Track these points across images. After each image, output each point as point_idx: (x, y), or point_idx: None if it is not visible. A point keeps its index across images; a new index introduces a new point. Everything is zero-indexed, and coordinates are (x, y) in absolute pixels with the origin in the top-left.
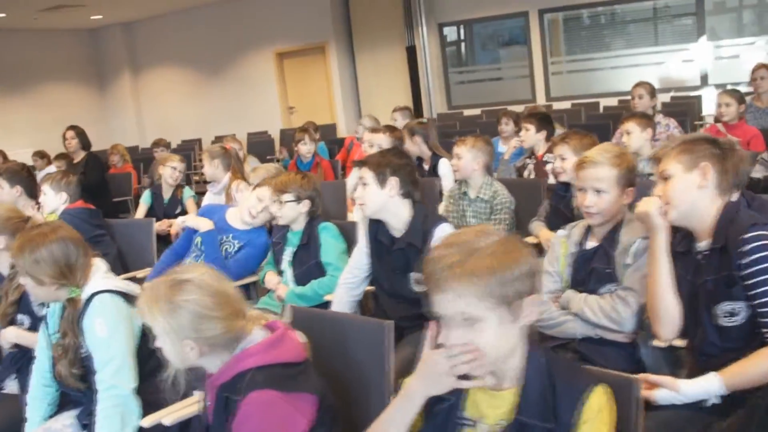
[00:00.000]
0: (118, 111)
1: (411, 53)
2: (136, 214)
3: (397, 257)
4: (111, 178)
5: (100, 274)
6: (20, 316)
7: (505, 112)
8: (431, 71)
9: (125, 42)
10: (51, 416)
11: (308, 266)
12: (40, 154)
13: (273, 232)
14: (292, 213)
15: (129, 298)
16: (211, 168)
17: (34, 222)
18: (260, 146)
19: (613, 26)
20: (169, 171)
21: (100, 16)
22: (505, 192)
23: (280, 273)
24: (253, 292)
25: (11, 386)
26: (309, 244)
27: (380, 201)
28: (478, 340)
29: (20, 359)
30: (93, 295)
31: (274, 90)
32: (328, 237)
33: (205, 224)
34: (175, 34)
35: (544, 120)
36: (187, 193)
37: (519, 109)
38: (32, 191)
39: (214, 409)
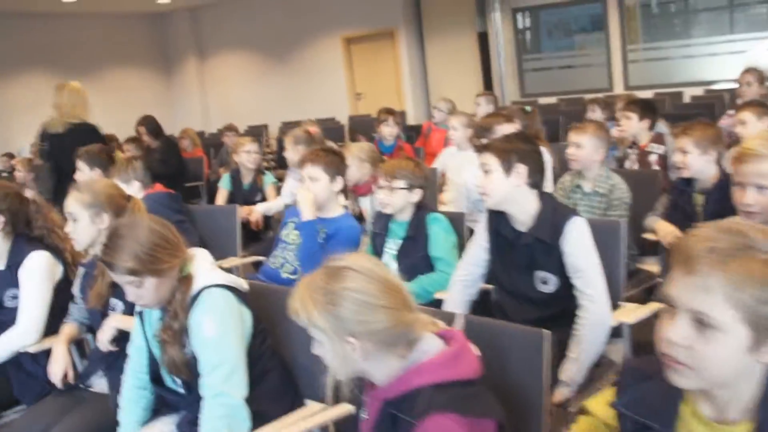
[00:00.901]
0: (184, 96)
1: (483, 39)
2: (217, 199)
3: (521, 253)
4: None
5: (206, 266)
6: (113, 301)
7: (593, 99)
8: (504, 58)
9: (192, 27)
10: (146, 422)
11: (415, 260)
12: (109, 138)
13: (374, 222)
14: (402, 202)
15: (238, 295)
16: (295, 153)
17: (136, 201)
18: (330, 133)
19: (686, 14)
20: (245, 156)
21: (168, 1)
22: (624, 186)
23: None
24: None
25: (100, 384)
26: (417, 236)
27: (505, 190)
28: (702, 352)
29: (108, 354)
30: (201, 289)
31: (341, 76)
32: (439, 229)
33: (308, 212)
34: (242, 20)
35: (647, 108)
36: (268, 179)
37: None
38: (111, 175)
39: (376, 425)
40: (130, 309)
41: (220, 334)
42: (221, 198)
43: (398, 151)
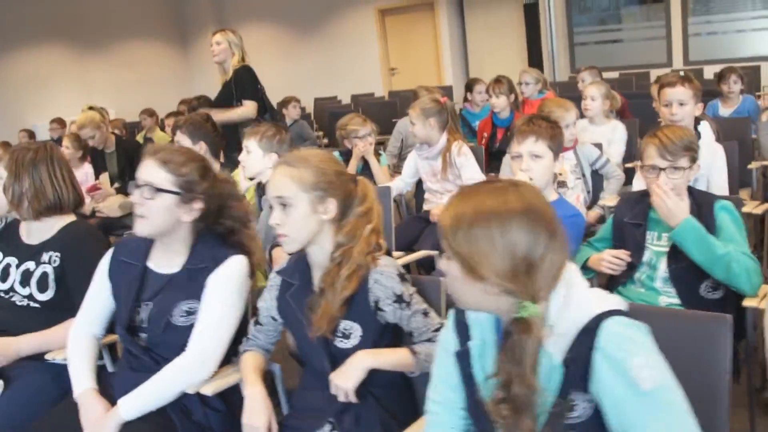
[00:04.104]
0: (202, 71)
1: (530, 11)
2: None
3: None
4: None
5: (579, 281)
6: (347, 324)
7: (732, 68)
8: (555, 31)
9: None
10: None
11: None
12: (149, 112)
13: (618, 209)
14: (686, 184)
15: None
16: (425, 128)
17: (365, 183)
18: (373, 108)
19: None
20: (361, 143)
21: None
22: None
23: (631, 266)
24: None
25: None
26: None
27: None
28: None
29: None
30: (598, 318)
31: (374, 50)
32: (729, 220)
33: None
34: None
35: None
36: (382, 161)
37: (666, 72)
38: (217, 150)
39: None
40: (371, 336)
41: (662, 385)
42: None
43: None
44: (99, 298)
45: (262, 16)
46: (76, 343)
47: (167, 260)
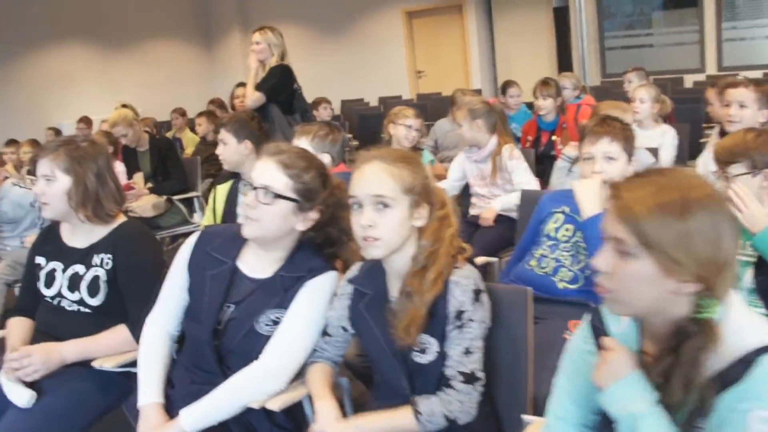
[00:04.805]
0: (226, 71)
1: (560, 14)
2: None
3: None
4: None
5: (738, 299)
6: (425, 338)
7: None
8: (586, 35)
9: None
10: None
11: None
12: (180, 112)
13: None
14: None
15: None
16: (472, 130)
17: (439, 189)
18: None
19: None
20: (403, 131)
21: None
22: None
23: None
24: None
25: None
26: None
27: None
28: None
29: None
30: (758, 353)
31: (401, 53)
32: None
33: (594, 203)
34: None
35: None
36: (425, 157)
37: (700, 77)
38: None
39: None
40: (443, 352)
41: None
42: None
43: (561, 131)
44: (176, 292)
45: (288, 16)
46: (151, 347)
47: (261, 264)
